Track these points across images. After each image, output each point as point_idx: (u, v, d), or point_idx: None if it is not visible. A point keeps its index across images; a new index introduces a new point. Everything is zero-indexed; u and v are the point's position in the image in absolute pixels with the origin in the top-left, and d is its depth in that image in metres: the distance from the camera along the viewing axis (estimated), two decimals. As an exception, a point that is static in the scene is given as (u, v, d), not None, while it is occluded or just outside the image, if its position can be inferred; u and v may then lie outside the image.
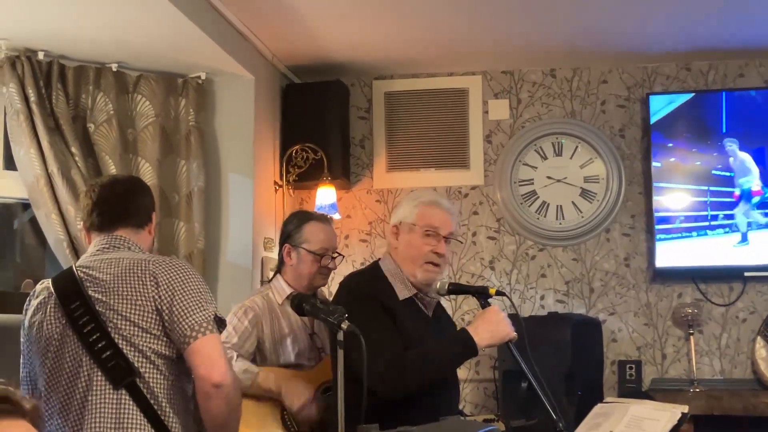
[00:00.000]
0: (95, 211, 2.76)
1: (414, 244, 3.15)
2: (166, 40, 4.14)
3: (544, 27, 4.76)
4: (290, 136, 5.24)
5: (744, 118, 5.11)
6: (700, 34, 4.87)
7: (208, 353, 2.54)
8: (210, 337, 2.55)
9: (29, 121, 4.01)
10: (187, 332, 2.52)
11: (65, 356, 2.57)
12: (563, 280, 5.35)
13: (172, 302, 2.55)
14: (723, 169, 5.10)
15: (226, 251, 4.71)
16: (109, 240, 2.73)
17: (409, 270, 3.15)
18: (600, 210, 5.31)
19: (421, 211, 3.19)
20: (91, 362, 2.53)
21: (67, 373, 2.56)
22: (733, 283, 5.19)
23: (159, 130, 4.44)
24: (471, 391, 5.31)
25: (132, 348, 2.53)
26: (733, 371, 5.14)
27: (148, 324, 2.55)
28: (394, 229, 3.23)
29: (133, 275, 2.58)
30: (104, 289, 2.57)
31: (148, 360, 2.54)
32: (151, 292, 2.56)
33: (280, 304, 3.63)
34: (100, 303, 2.56)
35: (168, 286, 2.57)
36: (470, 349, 2.95)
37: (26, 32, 3.99)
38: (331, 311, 2.62)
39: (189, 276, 2.63)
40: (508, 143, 5.46)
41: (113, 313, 2.54)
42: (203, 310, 2.57)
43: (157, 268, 2.60)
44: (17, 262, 4.54)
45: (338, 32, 4.79)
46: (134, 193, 2.83)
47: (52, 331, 2.60)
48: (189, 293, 2.58)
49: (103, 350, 2.52)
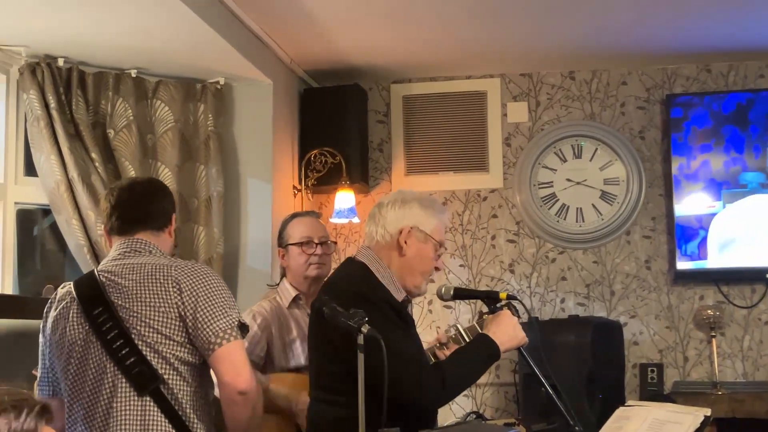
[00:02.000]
0: (114, 214, 2.75)
1: (426, 256, 2.98)
2: (185, 45, 4.16)
3: (562, 29, 4.74)
4: (309, 140, 5.25)
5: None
6: (720, 36, 4.85)
7: (233, 360, 2.53)
8: (234, 343, 2.54)
9: (49, 128, 4.04)
10: (212, 339, 2.52)
11: (89, 362, 2.56)
12: (584, 283, 5.33)
13: (195, 309, 2.54)
14: (745, 170, 5.07)
15: (246, 256, 4.72)
16: (129, 244, 2.71)
17: (414, 281, 2.97)
18: (620, 212, 5.29)
19: (438, 224, 3.01)
20: (115, 369, 2.53)
21: (91, 380, 2.56)
22: (755, 285, 5.15)
23: (178, 135, 4.46)
24: (491, 395, 5.29)
25: (156, 355, 2.53)
26: (755, 374, 5.10)
27: (172, 331, 2.54)
28: (406, 232, 2.95)
29: (155, 281, 2.57)
30: (127, 295, 2.56)
31: (172, 367, 2.54)
32: (174, 299, 2.55)
33: (288, 307, 3.64)
34: (123, 309, 2.55)
35: (191, 292, 2.56)
36: (496, 355, 2.90)
37: (46, 39, 4.01)
38: (351, 315, 2.60)
39: (212, 281, 2.62)
40: (527, 146, 5.45)
41: (136, 320, 2.53)
42: (227, 315, 2.56)
43: (180, 274, 2.59)
44: (38, 268, 4.56)
45: (356, 36, 4.79)
46: (153, 196, 2.81)
47: (75, 337, 2.59)
48: (212, 299, 2.57)
49: (127, 357, 2.52)
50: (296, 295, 3.66)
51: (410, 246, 2.96)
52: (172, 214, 2.86)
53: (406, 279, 2.97)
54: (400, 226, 2.96)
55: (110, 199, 2.77)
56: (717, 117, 5.12)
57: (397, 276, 2.96)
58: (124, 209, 2.75)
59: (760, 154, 5.06)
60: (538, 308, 5.30)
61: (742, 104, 5.10)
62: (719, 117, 5.12)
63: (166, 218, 2.81)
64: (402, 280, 2.96)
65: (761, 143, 5.06)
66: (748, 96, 5.12)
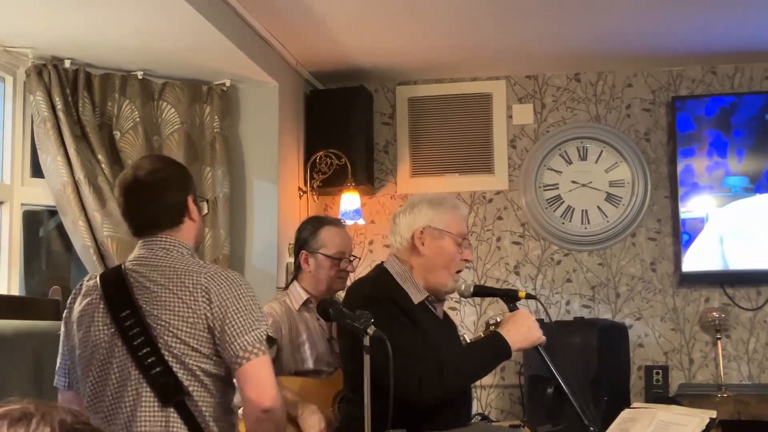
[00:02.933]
0: (127, 219, 2.68)
1: (446, 252, 3.05)
2: (191, 47, 4.17)
3: (568, 31, 4.74)
4: (314, 142, 5.26)
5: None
6: (726, 38, 4.84)
7: (259, 377, 2.47)
8: (261, 359, 2.47)
9: (56, 129, 4.05)
10: (239, 353, 2.46)
11: (112, 365, 2.52)
12: (589, 285, 5.33)
13: (224, 320, 2.48)
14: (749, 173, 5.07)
15: (251, 257, 4.73)
16: (153, 242, 2.63)
17: (438, 278, 3.05)
18: (625, 214, 5.29)
19: (452, 218, 3.08)
20: (139, 376, 2.48)
21: (114, 384, 2.51)
22: (761, 287, 5.15)
23: (184, 137, 4.46)
24: (496, 397, 5.29)
25: (181, 366, 2.47)
26: (761, 376, 5.10)
27: (199, 343, 2.48)
28: (419, 233, 3.05)
29: (184, 289, 2.50)
30: (156, 302, 2.50)
31: (197, 379, 2.49)
32: (203, 310, 2.48)
33: (297, 310, 3.64)
34: (151, 316, 2.49)
35: (220, 303, 2.49)
36: (505, 353, 2.90)
37: (52, 41, 4.02)
38: (356, 316, 2.60)
39: (241, 291, 2.54)
40: (532, 148, 5.45)
41: (164, 329, 2.47)
42: (255, 329, 2.49)
43: (210, 282, 2.51)
44: (44, 269, 4.57)
45: (361, 38, 4.79)
46: (160, 193, 2.64)
47: (100, 339, 2.54)
48: (241, 311, 2.50)
49: (153, 366, 2.46)
50: (307, 298, 3.65)
51: (427, 246, 3.06)
52: (187, 198, 2.67)
53: (429, 278, 3.05)
54: (413, 229, 3.07)
55: (119, 200, 2.69)
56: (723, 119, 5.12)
57: (421, 277, 3.05)
58: (134, 214, 2.67)
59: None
60: (543, 310, 5.29)
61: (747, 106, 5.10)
62: (725, 119, 5.12)
63: (179, 210, 2.66)
64: (426, 281, 3.05)
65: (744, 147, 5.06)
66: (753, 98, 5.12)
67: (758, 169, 5.07)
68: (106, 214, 4.07)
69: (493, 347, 2.91)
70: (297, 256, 3.72)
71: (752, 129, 5.09)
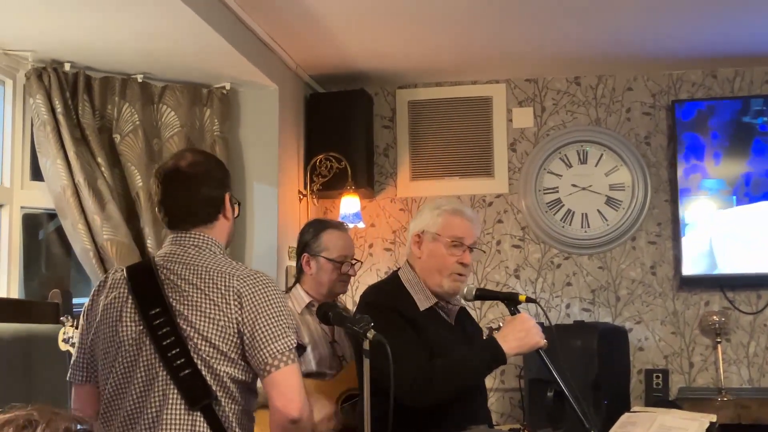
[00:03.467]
0: (162, 209, 2.62)
1: (439, 254, 3.10)
2: (191, 50, 4.17)
3: (568, 35, 4.74)
4: (314, 145, 5.26)
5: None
6: (726, 41, 4.84)
7: (288, 386, 2.43)
8: (290, 368, 2.44)
9: (56, 132, 4.04)
10: (269, 360, 2.42)
11: (139, 364, 2.47)
12: (589, 289, 5.33)
13: (254, 326, 2.44)
14: (749, 177, 5.06)
15: (251, 260, 4.72)
16: (185, 239, 2.59)
17: (434, 281, 3.10)
18: (626, 218, 5.29)
19: (445, 221, 3.13)
20: (167, 378, 2.44)
21: (140, 383, 2.47)
22: (761, 291, 5.14)
23: (184, 140, 4.46)
24: (496, 401, 5.29)
25: (209, 370, 2.44)
26: (761, 380, 5.09)
27: (228, 347, 2.44)
28: (416, 238, 3.16)
29: (216, 291, 2.46)
30: (187, 302, 2.46)
31: (223, 384, 2.45)
32: (234, 313, 2.44)
33: (300, 313, 3.63)
34: (181, 317, 2.45)
35: (252, 307, 2.45)
36: (498, 358, 2.91)
37: (52, 44, 4.02)
38: (357, 320, 2.61)
39: (273, 296, 2.50)
40: (532, 151, 5.45)
41: (194, 331, 2.43)
42: (286, 336, 2.46)
43: (242, 285, 2.47)
44: (44, 272, 4.57)
45: (362, 42, 4.79)
46: (200, 185, 2.60)
47: (127, 335, 2.49)
48: (273, 317, 2.46)
49: (182, 368, 2.42)
50: (309, 301, 3.65)
51: (423, 250, 3.15)
52: (225, 195, 2.65)
53: (428, 281, 3.12)
54: (412, 235, 3.18)
55: (157, 189, 2.62)
56: (723, 122, 5.12)
57: (424, 282, 3.12)
58: (170, 204, 2.61)
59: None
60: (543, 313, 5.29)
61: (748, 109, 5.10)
62: (726, 122, 5.12)
63: (215, 207, 2.62)
64: (427, 284, 3.12)
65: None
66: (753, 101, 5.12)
67: (736, 173, 5.10)
68: (106, 218, 4.07)
69: (487, 352, 2.93)
70: (299, 259, 3.72)
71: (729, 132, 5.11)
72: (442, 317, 3.15)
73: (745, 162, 5.08)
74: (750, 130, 5.09)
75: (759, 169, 5.06)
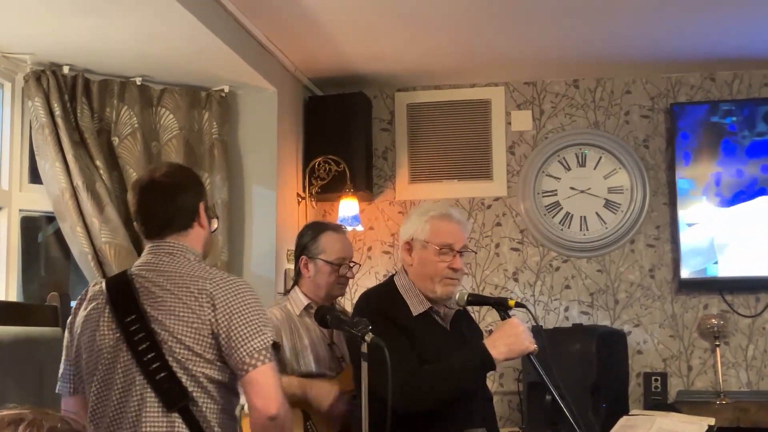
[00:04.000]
0: (139, 219, 2.68)
1: (429, 261, 3.09)
2: (190, 53, 4.17)
3: (566, 38, 4.75)
4: (313, 148, 5.26)
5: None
6: (725, 44, 4.85)
7: (265, 384, 2.48)
8: (267, 366, 2.48)
9: (54, 135, 4.04)
10: (245, 359, 2.46)
11: (117, 370, 2.53)
12: (588, 292, 5.33)
13: (229, 327, 2.48)
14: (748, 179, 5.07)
15: (250, 263, 4.72)
16: (161, 247, 2.64)
17: (427, 286, 3.10)
18: (624, 221, 5.29)
19: (433, 227, 3.12)
20: (144, 381, 2.48)
21: (119, 388, 2.52)
22: (759, 294, 5.14)
23: (183, 143, 4.46)
24: (496, 404, 5.25)
25: (185, 372, 2.48)
26: (760, 383, 5.09)
27: (203, 348, 2.49)
28: (406, 245, 3.16)
29: (189, 295, 2.51)
30: (161, 307, 2.51)
31: (200, 385, 2.50)
32: (207, 315, 2.49)
33: (298, 315, 3.63)
34: (155, 322, 2.50)
35: (225, 309, 2.50)
36: (487, 363, 2.91)
37: (51, 47, 4.02)
38: (355, 323, 2.61)
39: (247, 297, 2.55)
40: (531, 154, 5.45)
41: (168, 335, 2.48)
42: (261, 335, 2.50)
43: (215, 288, 2.52)
44: (42, 275, 4.57)
45: (361, 44, 4.79)
46: (174, 194, 2.67)
47: (105, 343, 2.55)
48: (247, 317, 2.51)
49: (158, 371, 2.47)
50: (308, 303, 3.65)
51: (414, 256, 3.15)
52: (200, 204, 2.72)
53: (420, 287, 3.12)
54: (401, 242, 3.19)
55: (133, 200, 2.69)
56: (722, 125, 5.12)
57: (417, 287, 3.13)
58: (147, 213, 2.67)
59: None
60: (541, 317, 5.30)
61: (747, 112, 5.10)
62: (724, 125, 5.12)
63: (190, 214, 2.69)
64: (420, 289, 3.12)
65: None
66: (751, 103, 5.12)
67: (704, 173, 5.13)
68: (104, 221, 4.07)
69: (475, 358, 2.93)
70: (297, 262, 3.73)
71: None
72: (437, 322, 3.14)
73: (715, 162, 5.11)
74: (721, 131, 5.13)
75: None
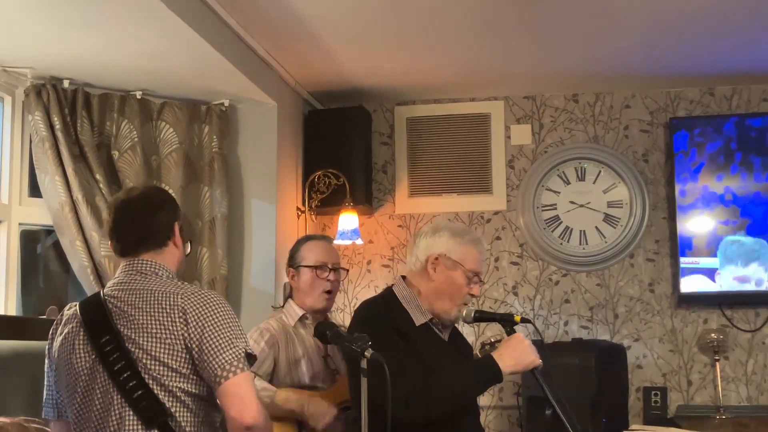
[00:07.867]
0: (114, 237, 2.71)
1: (456, 283, 3.10)
2: (190, 67, 4.17)
3: (566, 52, 4.76)
4: (313, 161, 5.26)
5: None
6: (724, 59, 4.85)
7: (240, 394, 2.48)
8: (241, 376, 2.49)
9: (54, 149, 4.05)
10: (218, 371, 2.47)
11: (95, 391, 2.53)
12: (587, 306, 5.32)
13: (201, 340, 2.49)
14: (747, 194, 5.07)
15: (249, 277, 4.72)
16: (134, 266, 2.66)
17: (442, 306, 3.10)
18: (624, 235, 5.29)
19: (467, 252, 3.13)
20: (122, 401, 2.49)
21: (98, 409, 2.52)
22: (759, 309, 5.14)
23: (183, 156, 4.47)
24: (495, 418, 5.27)
25: (161, 388, 2.49)
26: (759, 398, 5.08)
27: (178, 363, 2.50)
28: (434, 259, 3.12)
29: (161, 311, 2.52)
30: (134, 325, 2.52)
31: (178, 400, 2.50)
32: (180, 330, 2.50)
33: (293, 326, 3.68)
34: (130, 341, 2.51)
35: (197, 322, 2.51)
36: (495, 376, 2.94)
37: (51, 60, 4.03)
38: (354, 338, 2.61)
39: (219, 310, 2.56)
40: (530, 168, 5.45)
41: (143, 353, 2.49)
42: (233, 347, 2.51)
43: (186, 303, 2.53)
44: (41, 288, 4.56)
45: (360, 59, 4.80)
46: (149, 212, 2.70)
47: (81, 366, 2.56)
48: (219, 329, 2.52)
49: (134, 389, 2.48)
50: (302, 314, 3.69)
51: (438, 273, 3.13)
52: (174, 223, 2.75)
53: (434, 304, 3.11)
54: (428, 254, 3.14)
55: (109, 218, 2.73)
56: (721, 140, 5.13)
57: (426, 301, 3.12)
58: (122, 231, 2.70)
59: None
60: (541, 331, 5.28)
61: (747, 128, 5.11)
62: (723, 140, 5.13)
63: (165, 232, 2.72)
64: (431, 305, 3.11)
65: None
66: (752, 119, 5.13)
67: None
68: (104, 234, 4.06)
69: (484, 370, 2.97)
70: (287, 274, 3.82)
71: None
72: (437, 333, 3.16)
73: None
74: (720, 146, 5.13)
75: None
